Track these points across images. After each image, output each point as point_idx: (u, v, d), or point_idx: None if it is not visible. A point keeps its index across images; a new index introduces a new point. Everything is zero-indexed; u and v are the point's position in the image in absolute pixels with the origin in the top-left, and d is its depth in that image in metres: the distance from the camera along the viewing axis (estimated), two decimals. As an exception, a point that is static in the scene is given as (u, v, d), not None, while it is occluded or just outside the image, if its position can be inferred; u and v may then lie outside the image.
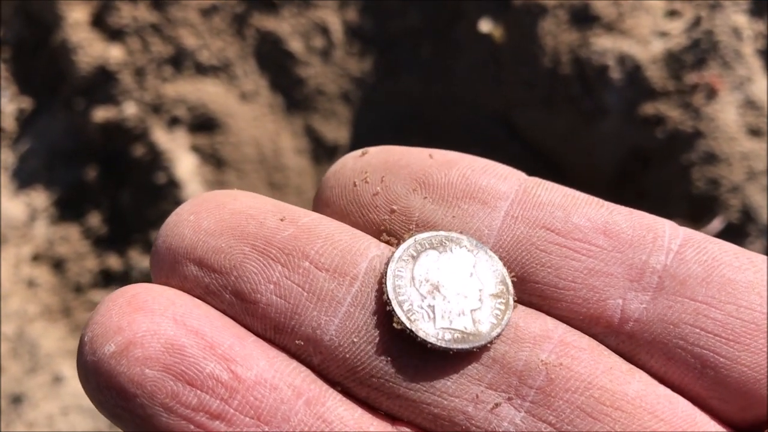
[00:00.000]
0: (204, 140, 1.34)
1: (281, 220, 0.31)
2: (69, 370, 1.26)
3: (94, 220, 1.35)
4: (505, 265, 0.32)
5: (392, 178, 0.33)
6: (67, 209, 1.38)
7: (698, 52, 1.21)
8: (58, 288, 1.33)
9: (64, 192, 1.39)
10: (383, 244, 0.32)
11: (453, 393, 0.30)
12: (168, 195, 1.31)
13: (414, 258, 0.31)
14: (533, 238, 0.32)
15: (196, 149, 1.33)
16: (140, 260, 1.31)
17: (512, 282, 0.32)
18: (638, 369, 0.31)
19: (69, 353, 1.28)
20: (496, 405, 0.30)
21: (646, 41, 1.24)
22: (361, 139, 1.36)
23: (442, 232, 0.32)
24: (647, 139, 1.23)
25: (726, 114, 1.19)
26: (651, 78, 1.22)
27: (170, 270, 0.31)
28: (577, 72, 1.25)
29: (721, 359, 0.30)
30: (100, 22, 1.37)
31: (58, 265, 1.34)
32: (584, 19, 1.26)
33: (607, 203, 0.33)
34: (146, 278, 1.27)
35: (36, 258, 1.35)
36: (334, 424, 0.29)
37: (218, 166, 1.34)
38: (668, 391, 0.30)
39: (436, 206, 0.32)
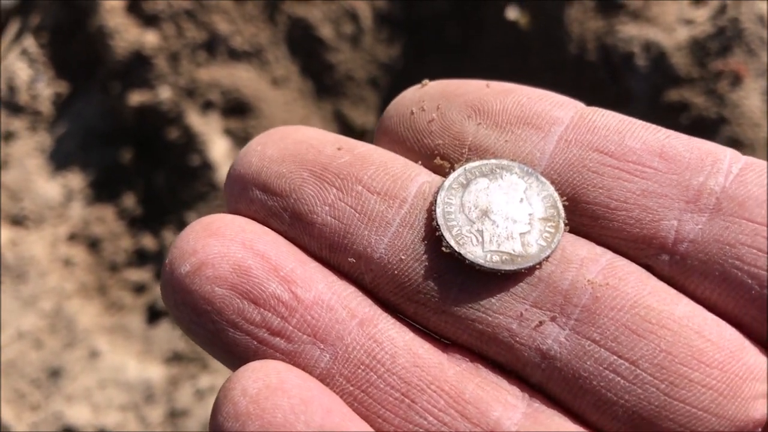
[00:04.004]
0: (237, 124, 1.37)
1: (339, 149, 0.33)
2: (105, 345, 1.30)
3: (129, 201, 1.38)
4: (556, 189, 0.32)
5: (448, 105, 0.34)
6: (103, 190, 1.41)
7: (723, 40, 1.23)
8: (93, 267, 1.37)
9: (100, 173, 1.42)
10: (434, 175, 0.33)
11: (498, 310, 0.30)
12: (202, 177, 1.34)
13: (464, 186, 0.32)
14: (585, 160, 0.31)
15: (229, 132, 1.36)
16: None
17: (563, 206, 0.31)
18: (685, 296, 0.30)
19: (105, 329, 1.32)
20: (541, 323, 0.30)
21: (671, 29, 1.26)
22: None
23: (492, 160, 0.32)
24: (672, 125, 1.24)
25: (750, 100, 1.21)
26: (676, 65, 1.24)
27: (239, 195, 0.33)
28: (603, 59, 1.27)
29: None
30: (135, 7, 1.40)
31: (93, 244, 1.37)
32: (610, 6, 1.28)
33: (664, 129, 0.32)
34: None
35: (72, 237, 1.38)
36: (384, 344, 0.30)
37: (250, 149, 1.37)
38: (715, 316, 0.30)
39: (489, 131, 0.33)
